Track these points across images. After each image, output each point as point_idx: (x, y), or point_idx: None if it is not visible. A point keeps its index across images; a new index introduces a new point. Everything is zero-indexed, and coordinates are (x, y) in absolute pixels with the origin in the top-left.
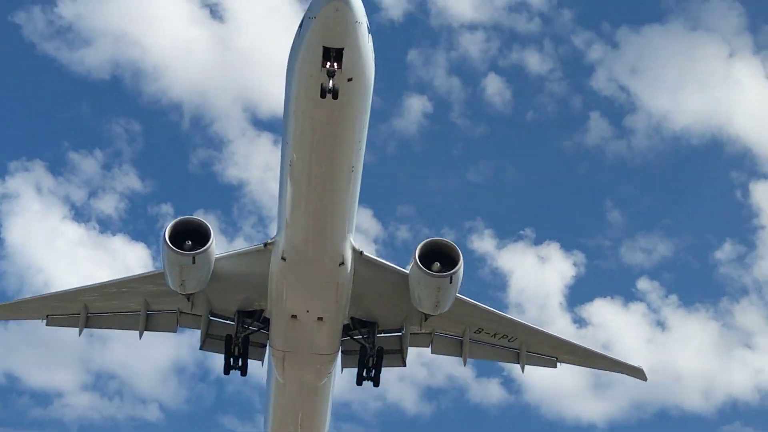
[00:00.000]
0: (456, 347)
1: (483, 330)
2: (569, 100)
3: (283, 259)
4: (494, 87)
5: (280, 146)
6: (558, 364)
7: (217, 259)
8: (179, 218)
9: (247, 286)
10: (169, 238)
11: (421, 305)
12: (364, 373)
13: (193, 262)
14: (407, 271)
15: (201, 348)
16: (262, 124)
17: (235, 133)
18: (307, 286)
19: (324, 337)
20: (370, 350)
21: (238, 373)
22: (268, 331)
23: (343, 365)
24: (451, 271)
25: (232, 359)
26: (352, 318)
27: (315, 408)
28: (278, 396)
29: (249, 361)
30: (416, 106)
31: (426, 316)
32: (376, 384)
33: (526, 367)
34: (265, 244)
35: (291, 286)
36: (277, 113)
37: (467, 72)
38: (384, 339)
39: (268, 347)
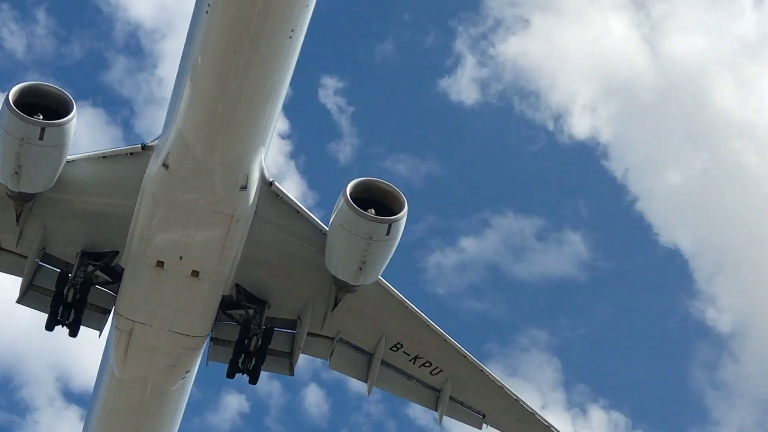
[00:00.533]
0: (362, 367)
1: (401, 347)
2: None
3: (165, 166)
4: (313, 397)
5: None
6: (484, 425)
7: (71, 162)
8: (31, 82)
9: (105, 207)
10: (15, 104)
11: (338, 268)
12: (240, 363)
13: (41, 138)
14: (326, 228)
15: (20, 300)
16: (72, 396)
17: (42, 401)
18: (190, 215)
19: (194, 306)
20: (254, 329)
21: (66, 332)
22: (116, 292)
23: (211, 356)
24: (392, 217)
25: (62, 308)
26: (237, 287)
27: (155, 428)
28: (109, 400)
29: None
30: (234, 404)
31: (336, 300)
32: (254, 380)
33: (445, 418)
34: (144, 146)
35: (167, 211)
36: (88, 388)
37: (289, 380)
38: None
39: (112, 316)
